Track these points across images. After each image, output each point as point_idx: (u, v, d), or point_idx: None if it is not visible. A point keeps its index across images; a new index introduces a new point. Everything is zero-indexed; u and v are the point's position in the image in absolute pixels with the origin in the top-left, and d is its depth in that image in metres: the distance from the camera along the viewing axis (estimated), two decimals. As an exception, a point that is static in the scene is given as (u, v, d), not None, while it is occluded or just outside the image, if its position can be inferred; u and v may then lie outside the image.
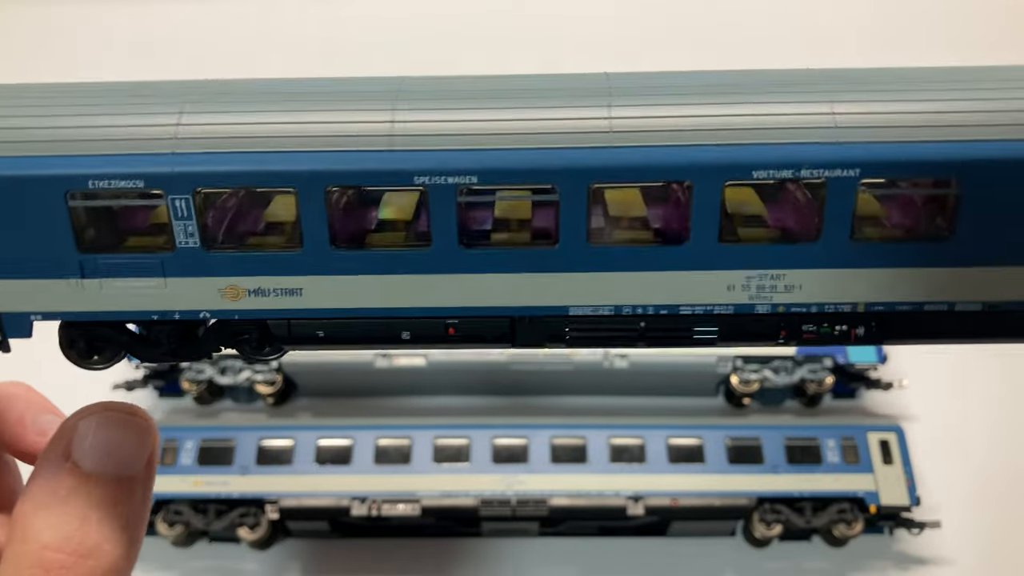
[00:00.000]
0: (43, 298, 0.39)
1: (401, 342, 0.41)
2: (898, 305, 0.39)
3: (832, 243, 0.38)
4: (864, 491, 1.12)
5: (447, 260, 0.39)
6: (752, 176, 0.37)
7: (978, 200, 0.37)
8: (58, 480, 0.34)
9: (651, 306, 0.40)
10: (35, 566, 0.33)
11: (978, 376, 1.30)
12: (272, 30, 1.70)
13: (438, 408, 1.25)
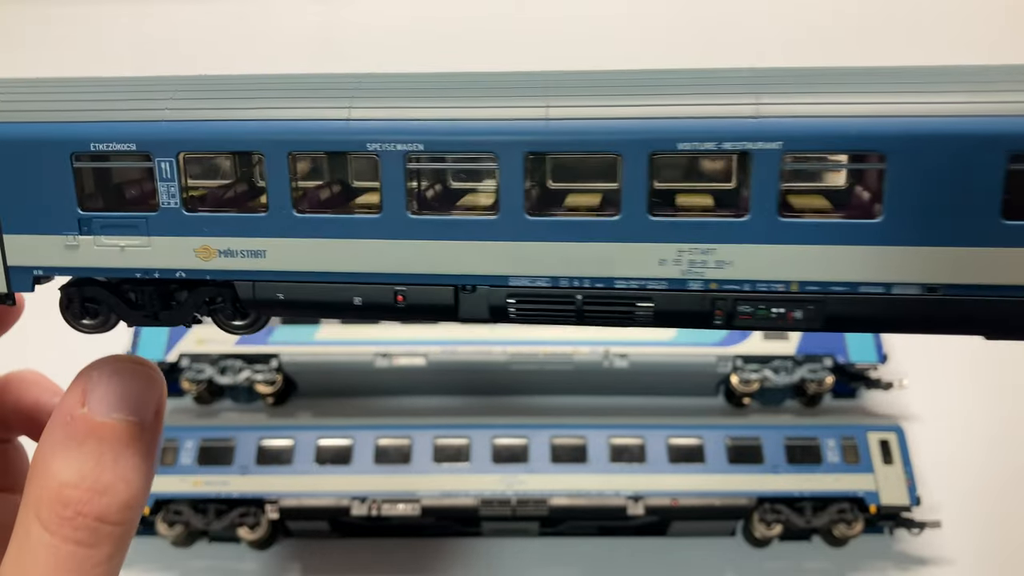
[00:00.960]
0: (44, 254, 0.43)
1: (354, 308, 0.43)
2: (832, 286, 0.39)
3: (760, 218, 0.38)
4: (864, 491, 1.12)
5: (397, 226, 0.41)
6: (676, 148, 0.38)
7: (905, 177, 0.37)
8: (74, 425, 0.38)
9: (587, 278, 0.41)
10: (55, 502, 0.36)
11: (978, 376, 1.30)
12: (271, 30, 1.70)
13: (438, 408, 1.25)
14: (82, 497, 0.36)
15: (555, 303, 0.41)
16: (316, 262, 0.42)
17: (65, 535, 0.36)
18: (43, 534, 0.35)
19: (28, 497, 0.36)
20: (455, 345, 1.22)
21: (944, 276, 0.38)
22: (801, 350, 1.22)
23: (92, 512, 0.36)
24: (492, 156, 0.40)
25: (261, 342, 1.23)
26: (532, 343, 1.21)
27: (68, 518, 0.36)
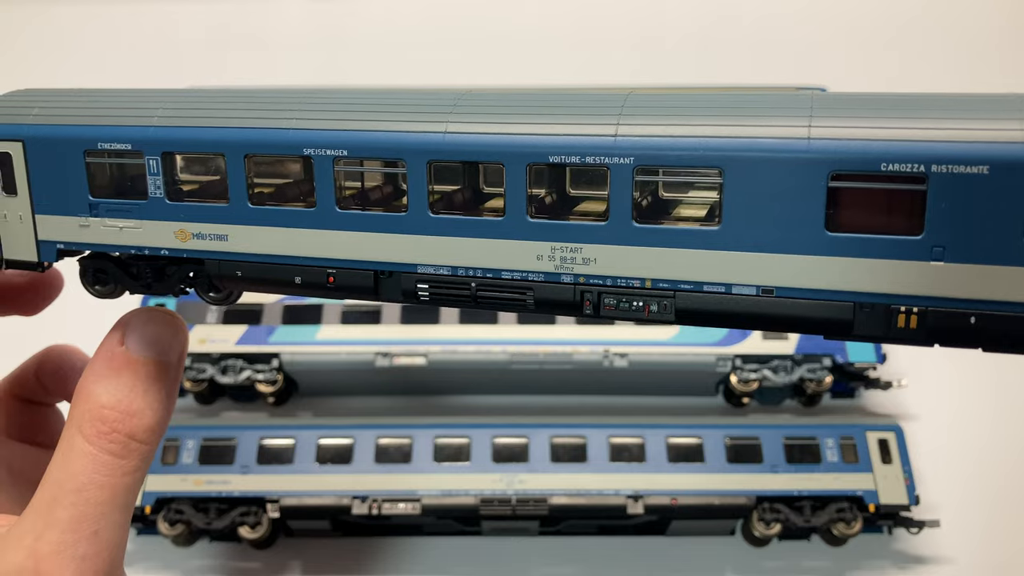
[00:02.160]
0: (65, 231, 0.53)
1: (296, 286, 0.52)
2: (680, 284, 0.45)
3: (618, 223, 0.45)
4: (863, 490, 1.12)
5: (327, 218, 0.50)
6: (548, 159, 0.46)
7: (738, 191, 0.42)
8: (113, 359, 0.47)
9: (479, 268, 0.48)
10: (95, 420, 0.45)
11: (977, 376, 1.30)
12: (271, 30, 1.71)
13: (438, 407, 1.26)
14: (117, 417, 0.45)
15: (455, 288, 0.49)
16: (266, 246, 0.51)
17: (102, 446, 0.45)
18: (85, 444, 0.45)
19: (72, 416, 0.45)
20: (455, 345, 1.22)
21: (777, 280, 0.43)
22: (800, 350, 1.22)
23: (124, 430, 0.45)
24: (401, 162, 0.48)
25: (262, 342, 1.24)
26: (532, 343, 1.22)
27: (105, 433, 0.45)
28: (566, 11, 1.71)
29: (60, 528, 0.42)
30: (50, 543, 0.42)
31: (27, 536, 0.42)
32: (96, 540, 0.43)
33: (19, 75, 1.68)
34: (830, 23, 1.69)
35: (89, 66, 1.63)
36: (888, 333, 0.42)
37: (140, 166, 0.52)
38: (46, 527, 0.42)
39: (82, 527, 0.43)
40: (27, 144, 0.53)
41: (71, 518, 0.43)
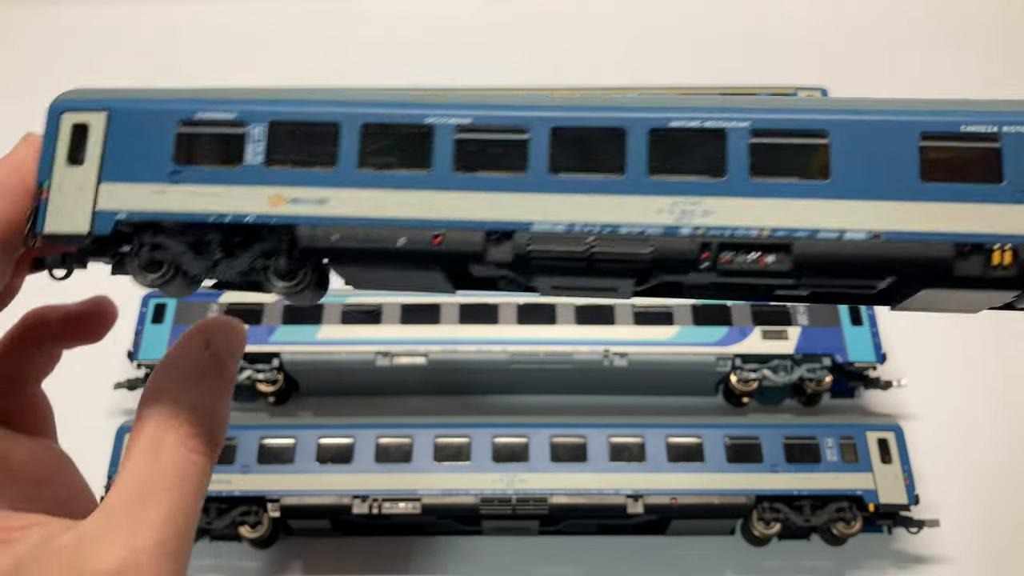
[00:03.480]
0: (132, 200, 0.50)
1: (397, 251, 0.50)
2: (797, 231, 0.47)
3: (735, 178, 0.48)
4: (863, 490, 1.13)
5: (442, 180, 0.50)
6: (669, 125, 0.49)
7: (843, 150, 0.48)
8: (201, 363, 0.48)
9: (597, 224, 0.48)
10: (186, 424, 0.45)
11: (977, 375, 1.30)
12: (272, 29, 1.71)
13: (438, 407, 1.26)
14: (205, 420, 0.46)
15: (570, 250, 0.48)
16: (369, 210, 0.50)
17: (193, 447, 0.45)
18: (175, 445, 0.45)
19: (158, 414, 0.45)
20: (455, 344, 1.22)
21: (884, 224, 0.47)
22: (800, 349, 1.23)
23: (209, 433, 0.46)
24: (523, 130, 0.50)
25: (262, 342, 1.24)
26: (532, 343, 1.22)
27: (196, 435, 0.46)
28: (566, 11, 1.71)
29: (155, 527, 0.42)
30: (148, 540, 0.42)
31: (119, 533, 0.41)
32: (185, 539, 0.43)
33: (19, 75, 1.69)
34: (830, 23, 1.70)
35: (89, 66, 1.63)
36: (985, 273, 0.46)
37: (240, 135, 0.51)
38: (142, 525, 0.42)
39: (174, 525, 0.43)
40: (113, 113, 0.52)
41: (165, 516, 0.43)
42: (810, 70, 1.56)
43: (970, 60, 1.64)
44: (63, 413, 0.53)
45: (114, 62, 1.63)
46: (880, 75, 1.63)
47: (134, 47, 1.66)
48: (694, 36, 1.68)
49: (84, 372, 0.52)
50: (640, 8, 1.71)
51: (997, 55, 1.65)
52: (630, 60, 1.63)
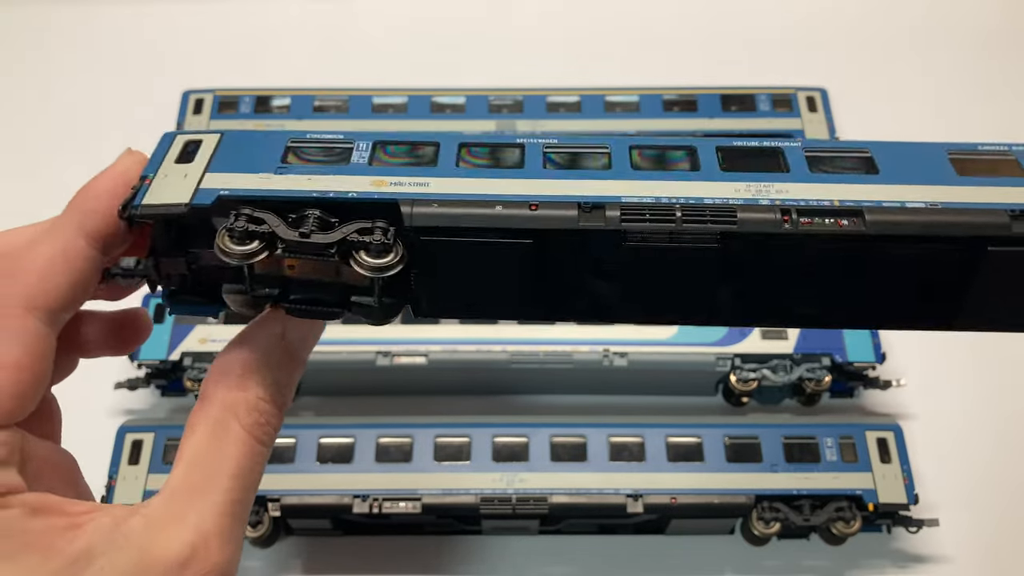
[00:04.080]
0: (236, 183, 0.49)
1: (493, 218, 0.49)
2: (863, 202, 0.50)
3: (796, 175, 0.52)
4: (862, 489, 1.13)
5: (535, 174, 0.52)
6: (733, 143, 0.54)
7: (885, 160, 0.53)
8: (276, 352, 0.47)
9: (682, 197, 0.50)
10: (254, 411, 0.45)
11: (976, 375, 1.30)
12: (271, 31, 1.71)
13: (439, 407, 1.26)
14: (270, 410, 0.46)
15: (660, 213, 0.49)
16: (467, 188, 0.50)
17: (257, 436, 0.45)
18: (242, 432, 0.44)
19: (227, 400, 0.45)
20: (456, 344, 1.23)
21: (939, 198, 0.50)
22: (799, 349, 1.23)
23: (273, 423, 0.46)
24: (605, 147, 0.54)
25: (263, 341, 1.24)
26: (532, 342, 1.22)
27: (261, 424, 0.45)
28: (566, 11, 1.71)
29: (219, 511, 0.42)
30: (214, 524, 0.42)
31: (188, 516, 0.41)
32: (243, 527, 0.44)
33: (20, 76, 1.69)
34: (830, 23, 1.70)
35: (89, 66, 1.63)
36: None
37: (348, 150, 0.52)
38: (207, 509, 0.42)
39: (236, 511, 0.43)
40: (225, 135, 0.52)
41: (229, 502, 0.43)
42: (810, 70, 1.56)
43: (970, 60, 1.65)
44: (63, 413, 0.53)
45: (114, 62, 1.63)
46: (880, 75, 1.63)
47: (134, 47, 1.66)
48: (693, 36, 1.68)
49: (84, 372, 0.52)
50: (639, 8, 1.71)
51: (997, 55, 1.65)
52: (629, 60, 1.63)
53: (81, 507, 0.40)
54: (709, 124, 1.42)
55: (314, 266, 0.47)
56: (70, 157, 1.53)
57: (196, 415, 0.45)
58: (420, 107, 1.43)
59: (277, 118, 1.41)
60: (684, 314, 0.52)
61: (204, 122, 1.41)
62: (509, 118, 1.41)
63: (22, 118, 1.57)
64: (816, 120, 1.43)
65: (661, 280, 0.50)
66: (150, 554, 0.39)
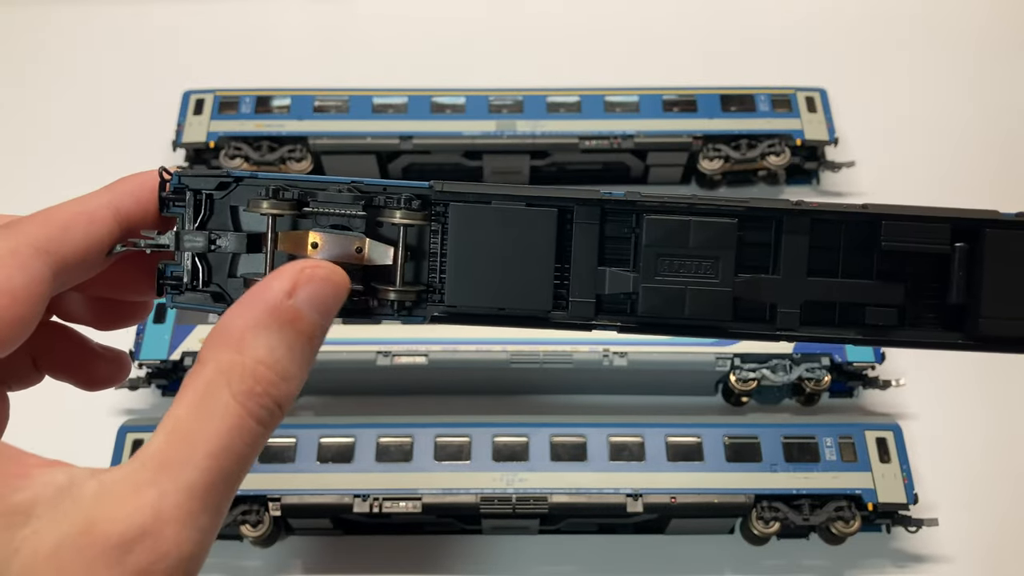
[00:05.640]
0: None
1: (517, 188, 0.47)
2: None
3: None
4: (862, 489, 1.13)
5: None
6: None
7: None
8: (280, 311, 0.40)
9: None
10: (249, 378, 0.38)
11: (976, 375, 1.30)
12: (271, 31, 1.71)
13: (439, 407, 1.26)
14: (271, 379, 0.39)
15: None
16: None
17: (250, 409, 0.38)
18: (232, 402, 0.37)
19: (220, 363, 0.38)
20: (456, 344, 1.23)
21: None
22: (798, 349, 1.23)
23: (274, 395, 0.39)
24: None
25: (263, 341, 1.24)
26: (532, 343, 1.22)
27: (257, 394, 0.38)
28: (566, 11, 1.72)
29: (188, 493, 0.35)
30: (176, 507, 0.35)
31: (148, 491, 0.35)
32: (215, 515, 0.37)
33: (20, 76, 1.69)
34: (830, 23, 1.70)
35: (89, 66, 1.63)
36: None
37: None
38: (173, 487, 0.35)
39: (208, 497, 0.36)
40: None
41: (202, 484, 0.36)
42: (809, 70, 1.56)
43: (970, 61, 1.65)
44: (64, 412, 0.53)
45: (114, 62, 1.63)
46: (879, 75, 1.63)
47: (134, 47, 1.66)
48: (693, 36, 1.68)
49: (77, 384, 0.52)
50: (639, 8, 1.72)
51: (997, 56, 1.65)
52: (628, 60, 1.63)
53: (39, 460, 0.36)
54: (708, 124, 1.42)
55: (338, 243, 0.45)
56: (70, 157, 1.54)
57: (187, 378, 0.39)
58: (420, 107, 1.43)
59: (277, 118, 1.41)
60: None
61: (205, 122, 1.41)
62: (509, 118, 1.41)
63: (22, 118, 1.57)
64: (815, 120, 1.43)
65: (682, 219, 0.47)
66: (94, 527, 0.34)
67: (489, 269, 0.46)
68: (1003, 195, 1.49)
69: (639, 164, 1.45)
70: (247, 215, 0.45)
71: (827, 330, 0.47)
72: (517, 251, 0.45)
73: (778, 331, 0.47)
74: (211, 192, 0.46)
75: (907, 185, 1.50)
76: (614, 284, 0.46)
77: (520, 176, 1.46)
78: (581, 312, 0.47)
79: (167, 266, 0.46)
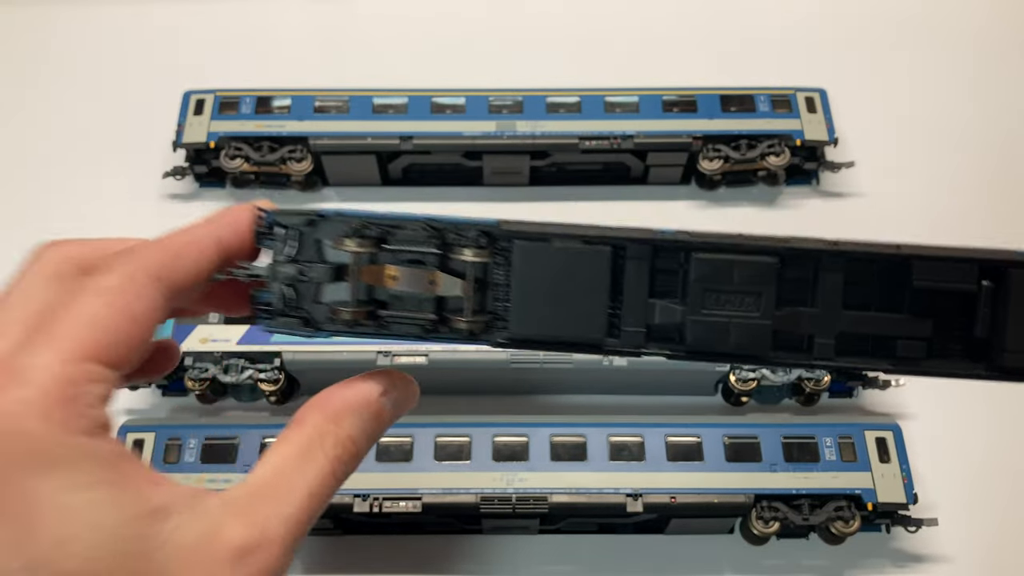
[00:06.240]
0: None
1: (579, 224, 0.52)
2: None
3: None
4: (861, 488, 1.13)
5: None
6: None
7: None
8: (372, 404, 0.51)
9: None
10: (339, 446, 0.48)
11: (975, 375, 1.30)
12: (271, 31, 1.71)
13: (439, 407, 1.26)
14: (353, 452, 0.49)
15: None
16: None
17: (335, 469, 0.48)
18: (325, 460, 0.47)
19: (319, 427, 0.48)
20: (456, 344, 1.22)
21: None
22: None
23: (351, 464, 0.49)
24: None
25: (264, 342, 1.25)
26: (532, 342, 1.22)
27: (343, 460, 0.48)
28: (566, 11, 1.72)
29: (288, 522, 0.44)
30: (280, 532, 0.43)
31: (260, 515, 0.43)
32: (299, 545, 0.45)
33: (19, 76, 1.69)
34: (830, 24, 1.70)
35: (89, 66, 1.63)
36: None
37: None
38: (278, 516, 0.44)
39: (300, 529, 0.45)
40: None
41: (297, 519, 0.44)
42: (810, 70, 1.57)
43: (970, 61, 1.65)
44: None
45: (114, 62, 1.64)
46: (879, 76, 1.64)
47: (134, 47, 1.66)
48: (693, 37, 1.68)
49: (88, 371, 0.52)
50: (638, 9, 1.72)
51: (998, 56, 1.65)
52: (628, 61, 1.64)
53: (155, 471, 0.43)
54: (708, 125, 1.42)
55: (413, 277, 0.51)
56: (70, 157, 1.54)
57: (288, 431, 0.48)
58: (420, 107, 1.43)
59: (278, 119, 1.41)
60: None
61: (205, 122, 1.41)
62: (509, 118, 1.41)
63: (22, 118, 1.57)
64: (815, 121, 1.43)
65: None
66: (219, 533, 0.41)
67: (549, 300, 0.51)
68: (1003, 195, 1.49)
69: (639, 164, 1.45)
70: (330, 247, 0.51)
71: (861, 360, 0.51)
72: (575, 284, 0.51)
73: (815, 360, 0.51)
74: (300, 227, 0.51)
75: (907, 185, 1.50)
76: (663, 315, 0.54)
77: (520, 176, 1.46)
78: (633, 341, 0.54)
79: (259, 293, 0.52)
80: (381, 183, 1.48)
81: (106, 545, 0.38)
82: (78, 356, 0.41)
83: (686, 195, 1.48)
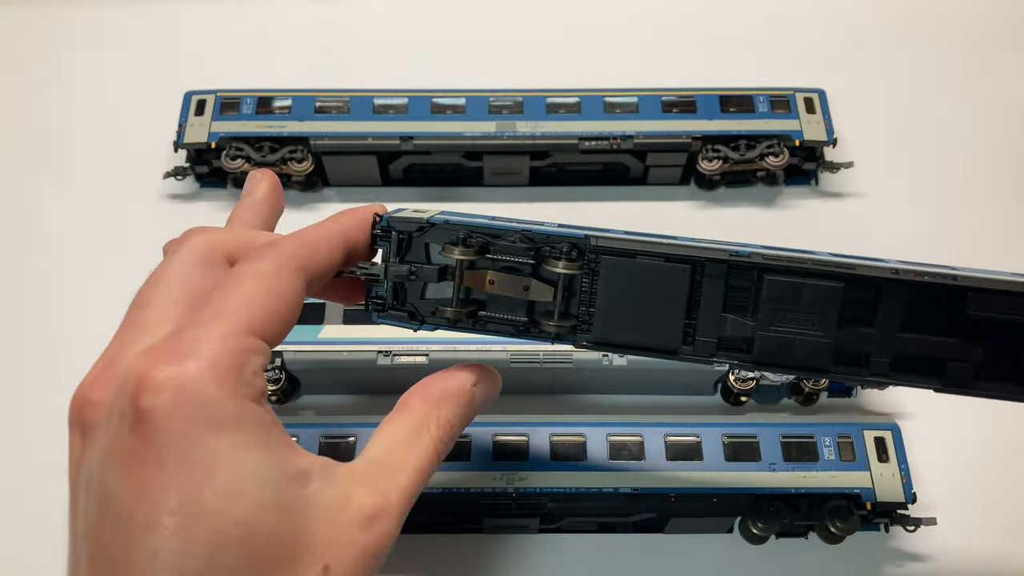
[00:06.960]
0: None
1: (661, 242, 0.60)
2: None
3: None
4: (860, 488, 1.13)
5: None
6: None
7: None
8: (465, 393, 0.58)
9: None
10: (442, 428, 0.55)
11: (973, 375, 1.31)
12: (271, 31, 1.71)
13: (439, 406, 1.26)
14: (452, 434, 0.56)
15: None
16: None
17: (438, 447, 0.54)
18: (430, 440, 0.54)
19: (425, 412, 0.55)
20: (456, 344, 1.23)
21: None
22: (798, 349, 1.23)
23: (449, 443, 0.56)
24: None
25: (264, 341, 1.25)
26: (532, 342, 1.23)
27: (444, 440, 0.55)
28: (566, 12, 1.72)
29: (403, 492, 0.50)
30: (397, 501, 0.50)
31: (382, 485, 0.50)
32: (407, 513, 0.51)
33: (19, 76, 1.69)
34: (829, 24, 1.70)
35: (89, 66, 1.63)
36: None
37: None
38: (395, 487, 0.50)
39: (410, 499, 0.51)
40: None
41: (410, 489, 0.51)
42: (809, 70, 1.57)
43: (970, 61, 1.65)
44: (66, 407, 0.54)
45: (114, 62, 1.64)
46: (879, 76, 1.64)
47: (134, 47, 1.66)
48: (692, 37, 1.68)
49: (88, 361, 0.53)
50: (638, 9, 1.72)
51: (998, 56, 1.65)
52: (627, 61, 1.64)
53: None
54: (707, 125, 1.42)
55: (510, 282, 0.57)
56: (70, 157, 1.54)
57: (395, 415, 0.55)
58: (421, 108, 1.43)
59: (278, 119, 1.42)
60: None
61: (206, 123, 1.41)
62: (509, 119, 1.41)
63: (22, 118, 1.57)
64: (814, 121, 1.43)
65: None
66: (350, 499, 0.48)
67: (631, 309, 0.57)
68: (1003, 195, 1.49)
69: (638, 165, 1.46)
70: (436, 251, 0.57)
71: (913, 378, 0.57)
72: (655, 296, 0.57)
73: (871, 377, 0.56)
74: (411, 232, 0.57)
75: (906, 186, 1.50)
76: (734, 329, 0.58)
77: (520, 176, 1.47)
78: (705, 350, 0.59)
79: (373, 287, 0.59)
80: (382, 183, 1.48)
81: (269, 499, 0.44)
82: (243, 330, 0.46)
83: (685, 195, 1.48)
